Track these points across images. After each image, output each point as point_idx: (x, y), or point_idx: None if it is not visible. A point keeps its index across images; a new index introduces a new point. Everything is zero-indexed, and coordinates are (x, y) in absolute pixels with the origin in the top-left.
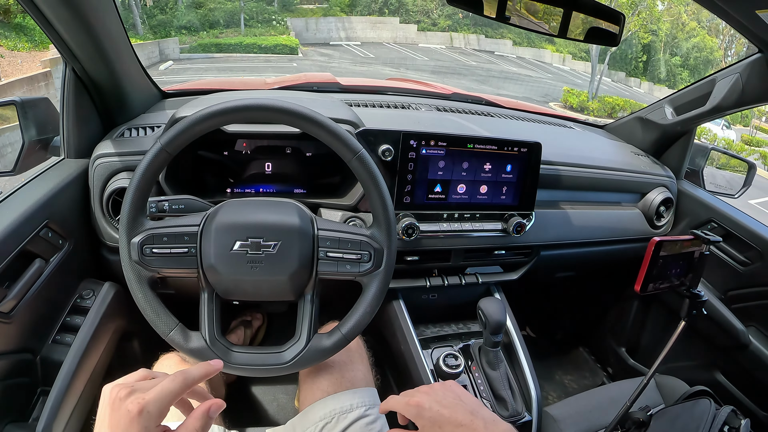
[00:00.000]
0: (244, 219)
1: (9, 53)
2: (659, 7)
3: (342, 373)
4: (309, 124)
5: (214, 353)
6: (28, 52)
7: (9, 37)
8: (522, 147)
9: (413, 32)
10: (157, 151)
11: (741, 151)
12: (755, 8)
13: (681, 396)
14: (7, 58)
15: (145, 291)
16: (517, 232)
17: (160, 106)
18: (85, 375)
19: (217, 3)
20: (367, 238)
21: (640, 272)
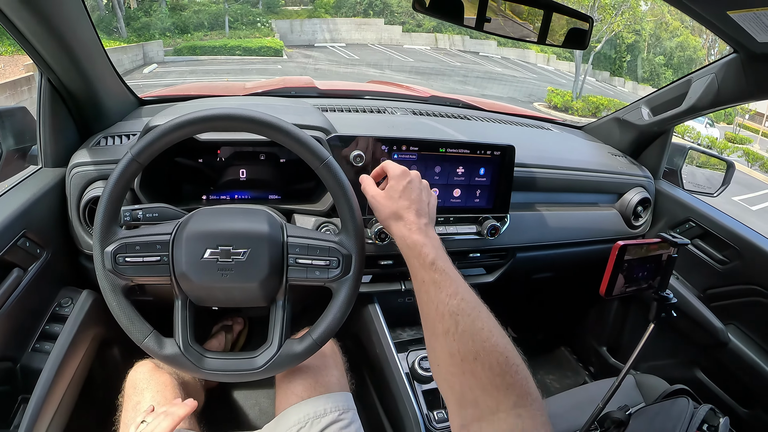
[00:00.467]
0: (214, 227)
1: None
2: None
3: (316, 378)
4: (275, 133)
5: (187, 359)
6: (11, 56)
7: None
8: (495, 150)
9: (398, 33)
10: (128, 161)
11: (724, 149)
12: (726, 9)
13: (660, 395)
14: None
15: (119, 299)
16: (492, 235)
17: (137, 113)
18: (64, 382)
19: (202, 5)
20: (335, 245)
21: (605, 276)
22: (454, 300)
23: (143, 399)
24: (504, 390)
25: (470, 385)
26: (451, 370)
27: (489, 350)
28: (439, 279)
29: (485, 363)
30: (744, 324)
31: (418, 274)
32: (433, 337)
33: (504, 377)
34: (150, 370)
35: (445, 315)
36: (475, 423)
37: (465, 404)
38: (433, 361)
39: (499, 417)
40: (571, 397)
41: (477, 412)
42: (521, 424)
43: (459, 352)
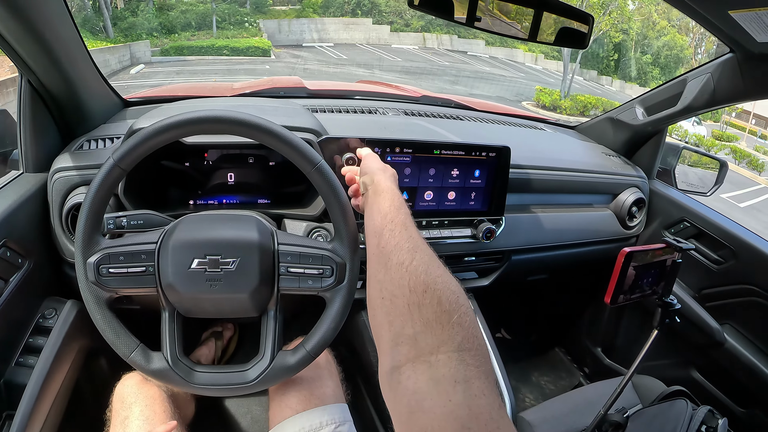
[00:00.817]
0: (201, 235)
1: None
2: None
3: (311, 390)
4: (265, 136)
5: (176, 374)
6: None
7: None
8: (490, 151)
9: (386, 33)
10: (110, 167)
11: (711, 147)
12: (727, 8)
13: (657, 396)
14: None
15: (103, 312)
16: (487, 238)
17: (122, 115)
18: (50, 397)
19: (189, 5)
20: (328, 252)
21: (610, 284)
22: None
23: (131, 413)
24: (450, 329)
25: (413, 320)
26: (396, 303)
27: (441, 285)
28: (407, 223)
29: (434, 297)
30: (740, 324)
31: (389, 214)
32: (383, 271)
33: (451, 315)
34: (138, 383)
35: (402, 249)
36: (409, 364)
37: (402, 342)
38: (376, 295)
39: (438, 359)
40: (568, 400)
41: (413, 352)
42: (464, 371)
43: (409, 283)
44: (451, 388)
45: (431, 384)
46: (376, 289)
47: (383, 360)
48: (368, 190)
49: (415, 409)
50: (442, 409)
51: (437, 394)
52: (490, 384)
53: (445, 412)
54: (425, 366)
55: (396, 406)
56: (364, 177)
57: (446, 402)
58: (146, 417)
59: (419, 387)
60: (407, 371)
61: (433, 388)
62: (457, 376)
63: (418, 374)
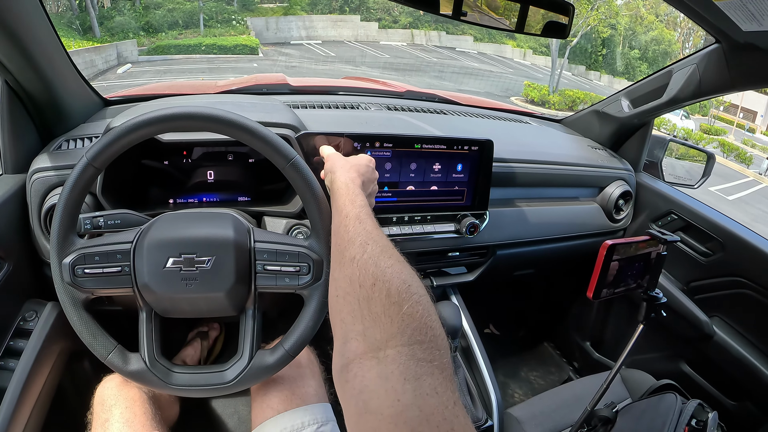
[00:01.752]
0: (176, 234)
1: None
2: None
3: (292, 390)
4: (238, 131)
5: (154, 375)
6: None
7: None
8: (473, 145)
9: (374, 30)
10: (83, 166)
11: (700, 141)
12: None
13: (647, 390)
14: None
15: (80, 313)
16: (471, 233)
17: (102, 114)
18: (30, 400)
19: (176, 3)
20: (305, 249)
21: (592, 278)
22: (369, 234)
23: (111, 416)
24: (399, 321)
25: (362, 315)
26: (347, 300)
27: (390, 276)
28: (363, 217)
29: (383, 289)
30: (729, 316)
31: (344, 209)
32: (337, 268)
33: (401, 305)
34: (118, 384)
35: (356, 242)
36: (357, 361)
37: (351, 338)
38: (332, 293)
39: (386, 354)
40: (557, 396)
41: (362, 347)
42: (414, 367)
43: (359, 278)
44: (400, 386)
45: (379, 381)
46: (333, 288)
47: (335, 359)
48: (330, 190)
49: (363, 411)
50: (389, 410)
51: (385, 394)
52: (445, 379)
53: (393, 413)
54: (373, 362)
55: (346, 407)
56: (326, 177)
57: (394, 402)
58: (126, 419)
59: (366, 385)
60: (355, 368)
61: (381, 386)
62: (407, 374)
63: (365, 371)
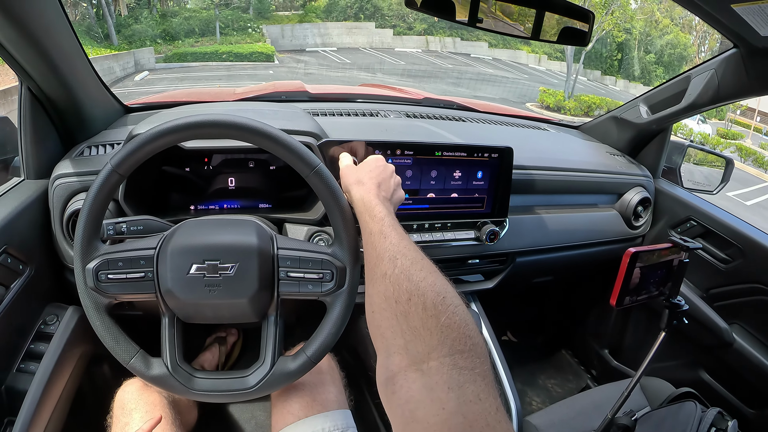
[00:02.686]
0: (200, 241)
1: None
2: (632, 5)
3: (313, 396)
4: (263, 139)
5: (176, 380)
6: (1, 65)
7: None
8: (493, 152)
9: (389, 37)
10: (108, 173)
11: (717, 145)
12: (730, 2)
13: (666, 398)
14: None
15: (103, 318)
16: (491, 240)
17: (123, 121)
18: (51, 403)
19: (192, 12)
20: (328, 257)
21: (615, 285)
22: (396, 246)
23: (132, 420)
24: (438, 333)
25: (401, 329)
26: (384, 315)
27: (424, 289)
28: (384, 230)
29: (419, 303)
30: (748, 323)
31: (367, 226)
32: (370, 284)
33: (439, 318)
34: (138, 389)
35: (384, 258)
36: (402, 374)
37: (393, 352)
38: (368, 309)
39: (430, 366)
40: (575, 403)
41: (405, 360)
42: (457, 376)
43: (393, 294)
44: (444, 395)
45: (424, 392)
46: (368, 304)
47: (379, 371)
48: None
49: (409, 420)
50: (435, 419)
51: (430, 403)
52: (487, 386)
53: (438, 421)
54: (417, 374)
55: (393, 416)
56: (344, 192)
57: (439, 411)
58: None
59: (412, 396)
60: (400, 380)
61: (426, 396)
62: (450, 382)
63: (410, 383)
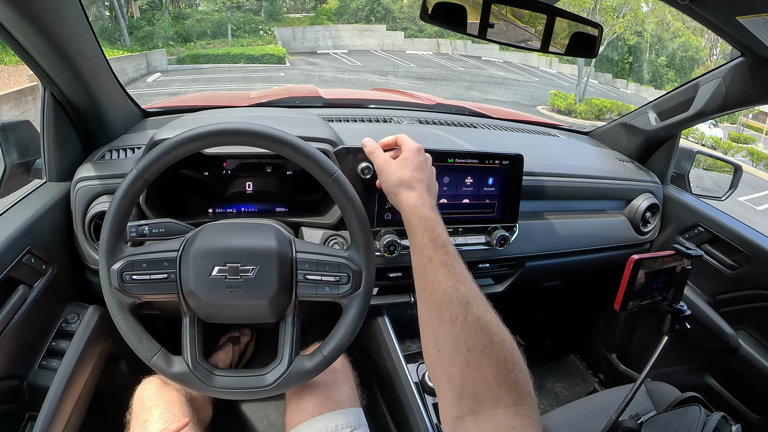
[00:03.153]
0: (221, 244)
1: None
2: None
3: (327, 394)
4: (283, 147)
5: (196, 378)
6: (15, 66)
7: None
8: (503, 159)
9: (400, 39)
10: (133, 178)
11: (728, 149)
12: (735, 14)
13: (671, 403)
14: None
15: (126, 317)
16: (501, 245)
17: (142, 125)
18: (72, 399)
19: (204, 14)
20: (345, 260)
21: (619, 290)
22: (463, 287)
23: (151, 416)
24: (506, 387)
25: (473, 378)
26: (454, 360)
27: (497, 345)
28: (450, 262)
29: (492, 358)
30: (755, 329)
31: (427, 251)
32: (437, 322)
33: (508, 374)
34: (157, 386)
35: (453, 301)
36: (472, 416)
37: (464, 396)
38: (432, 347)
39: (497, 413)
40: (582, 407)
41: (476, 406)
42: (518, 421)
43: (466, 342)
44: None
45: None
46: (431, 341)
47: (446, 409)
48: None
49: None
50: None
51: None
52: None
53: None
54: (487, 418)
55: None
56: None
57: None
58: (165, 420)
59: None
60: (470, 422)
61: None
62: (514, 423)
63: (481, 424)
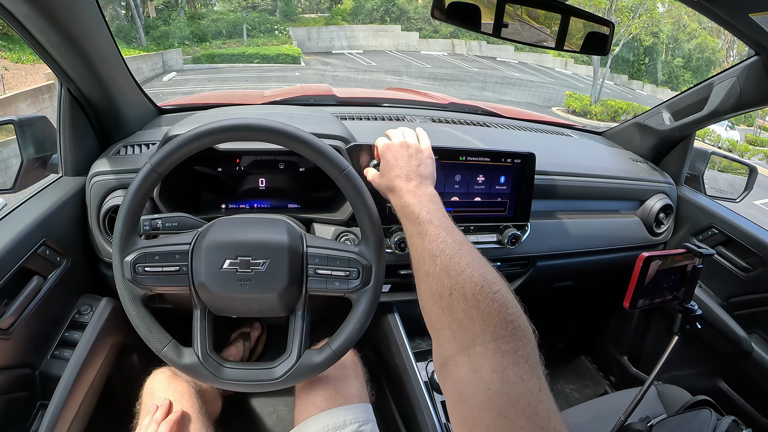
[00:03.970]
0: (233, 237)
1: (13, 66)
2: (660, 9)
3: (336, 389)
4: (295, 143)
5: (206, 369)
6: (32, 65)
7: (13, 49)
8: (515, 158)
9: (415, 40)
10: (147, 171)
11: (745, 152)
12: (748, 12)
13: (682, 406)
14: (12, 70)
15: (138, 309)
16: (512, 244)
17: (156, 122)
18: (83, 389)
19: (220, 14)
20: (355, 255)
21: (629, 288)
22: (434, 244)
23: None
24: (480, 321)
25: (447, 321)
26: (433, 311)
27: (462, 282)
28: (422, 230)
29: (459, 296)
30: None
31: (407, 230)
32: (418, 283)
33: (479, 307)
34: (167, 377)
35: (425, 258)
36: (452, 359)
37: (443, 341)
38: (420, 305)
39: (475, 351)
40: (592, 408)
41: (454, 347)
42: (499, 360)
43: (437, 290)
44: (488, 376)
45: (470, 374)
46: (420, 301)
47: (435, 359)
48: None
49: (458, 399)
50: (480, 398)
51: (476, 384)
52: (531, 367)
53: (483, 400)
54: (465, 359)
55: (446, 396)
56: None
57: (484, 390)
58: (174, 411)
59: (460, 378)
60: (450, 365)
61: (472, 378)
62: (494, 365)
63: (459, 367)
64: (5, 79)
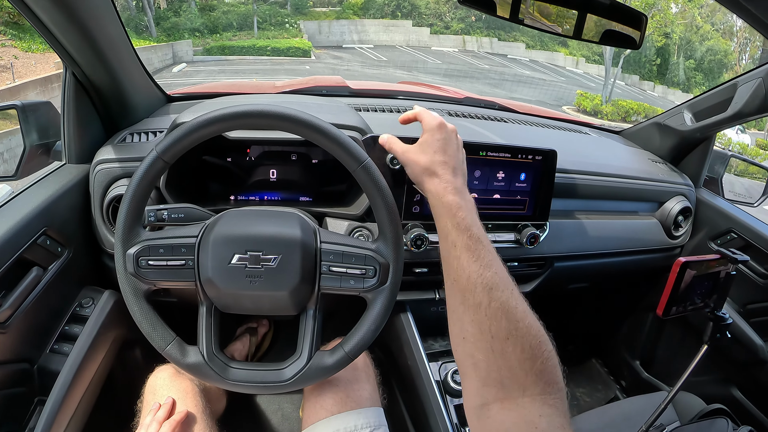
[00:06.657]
0: (243, 231)
1: (23, 54)
2: (673, 9)
3: (347, 392)
4: (311, 132)
5: (211, 369)
6: (42, 53)
7: (23, 38)
8: (536, 155)
9: (426, 35)
10: (152, 159)
11: (756, 156)
12: None
13: (697, 414)
14: (21, 59)
15: (141, 304)
16: (531, 244)
17: (165, 110)
18: (82, 385)
19: (231, 6)
20: (372, 253)
21: (663, 295)
22: (488, 272)
23: None
24: (533, 375)
25: (498, 366)
26: (478, 346)
27: (522, 331)
28: (474, 247)
29: (517, 344)
30: None
31: (450, 236)
32: (461, 308)
33: (535, 362)
34: (170, 375)
35: (477, 287)
36: (497, 404)
37: (489, 384)
38: (458, 334)
39: (523, 402)
40: (605, 414)
41: (501, 394)
42: (546, 410)
43: (490, 329)
44: (536, 419)
45: (520, 420)
46: (457, 328)
47: (471, 396)
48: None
49: None
50: None
51: (524, 425)
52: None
53: None
54: (513, 405)
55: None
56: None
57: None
58: (177, 409)
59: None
60: (496, 409)
61: (521, 421)
62: (542, 411)
63: (506, 412)
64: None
